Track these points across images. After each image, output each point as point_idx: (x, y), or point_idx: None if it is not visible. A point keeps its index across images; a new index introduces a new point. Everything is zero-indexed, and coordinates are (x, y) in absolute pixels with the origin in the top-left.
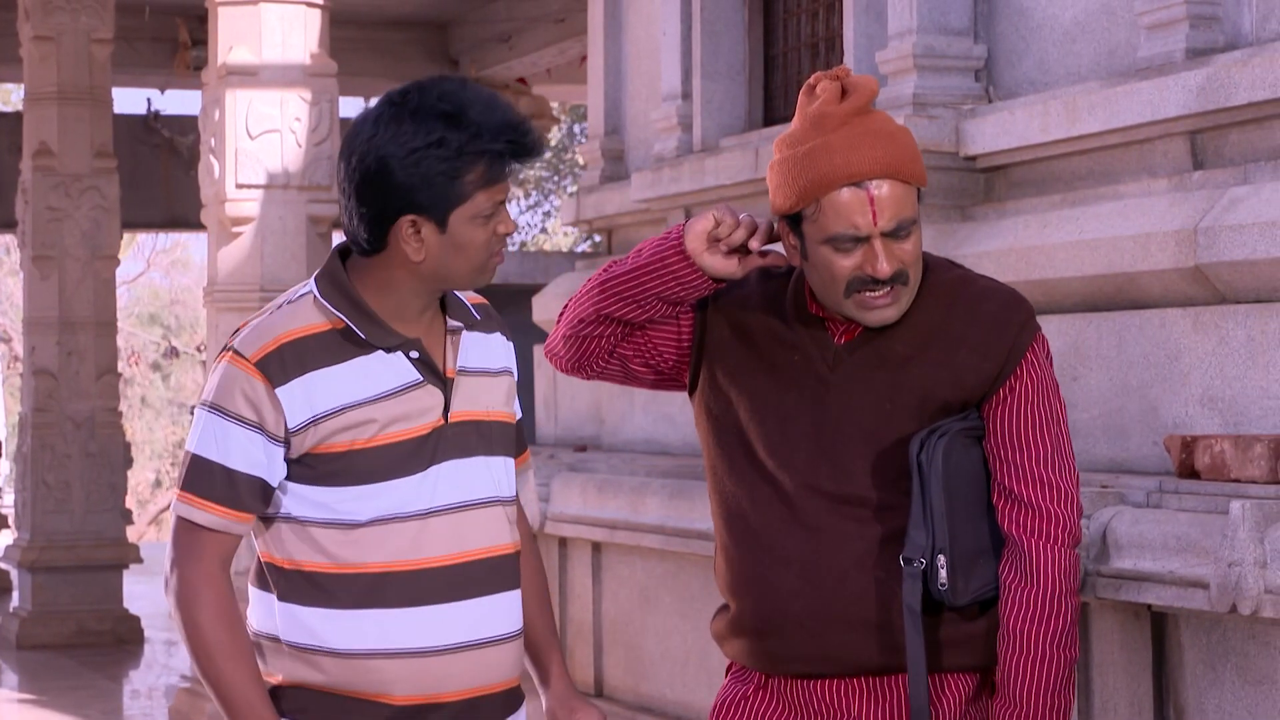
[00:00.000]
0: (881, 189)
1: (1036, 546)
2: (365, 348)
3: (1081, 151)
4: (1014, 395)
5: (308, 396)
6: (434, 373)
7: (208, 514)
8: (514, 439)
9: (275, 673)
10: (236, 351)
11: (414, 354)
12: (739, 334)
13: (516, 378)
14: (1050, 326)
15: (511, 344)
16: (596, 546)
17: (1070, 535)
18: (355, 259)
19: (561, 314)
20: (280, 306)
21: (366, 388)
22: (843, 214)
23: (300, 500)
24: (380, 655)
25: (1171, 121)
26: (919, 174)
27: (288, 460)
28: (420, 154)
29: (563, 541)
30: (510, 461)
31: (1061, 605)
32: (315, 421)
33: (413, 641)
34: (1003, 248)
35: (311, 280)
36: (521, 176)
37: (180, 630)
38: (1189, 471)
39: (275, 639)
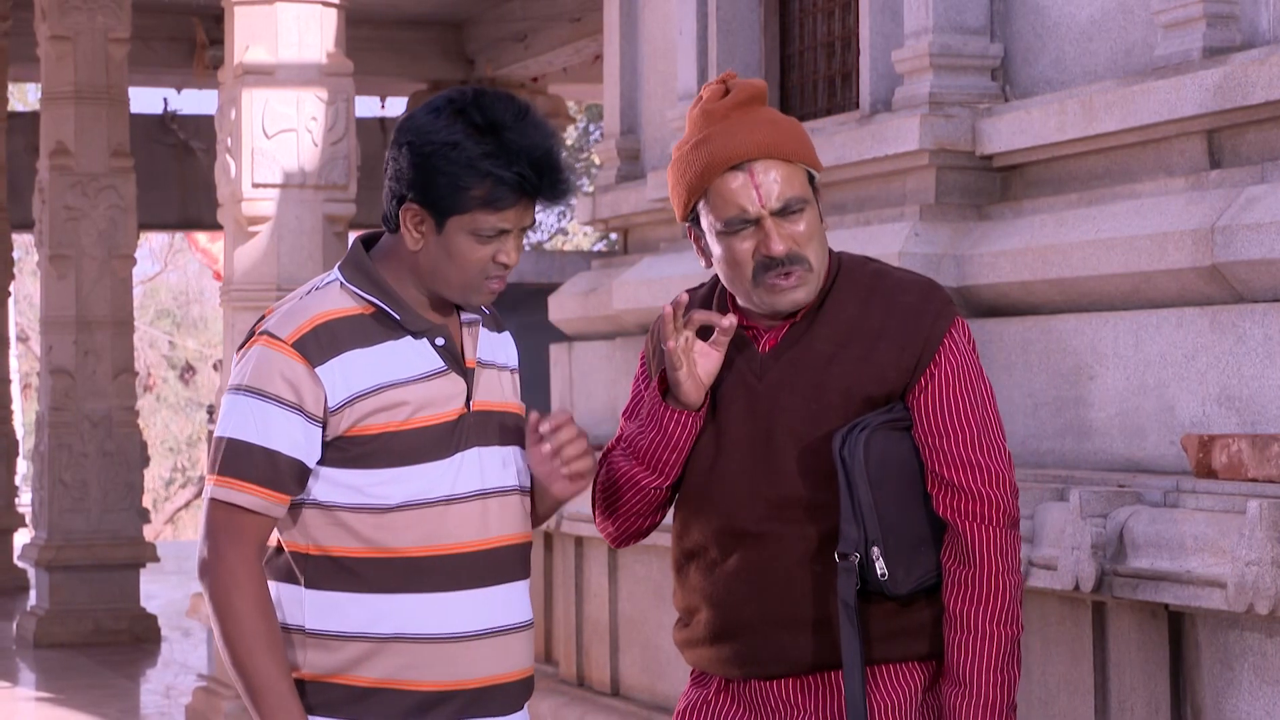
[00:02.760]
0: (764, 169)
1: (972, 529)
2: (394, 332)
3: (1098, 150)
4: (934, 382)
5: (345, 376)
6: (457, 362)
7: (249, 495)
8: (521, 423)
9: (298, 666)
10: (271, 334)
11: (440, 341)
12: None
13: (519, 376)
14: (1067, 325)
15: (513, 343)
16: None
17: (1005, 515)
18: (376, 249)
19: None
20: (308, 292)
21: (398, 370)
22: (729, 198)
23: (330, 485)
24: (407, 640)
25: (1188, 120)
26: (805, 156)
27: (323, 443)
28: (435, 150)
29: (579, 540)
30: (519, 449)
31: (1000, 584)
32: (351, 401)
33: (439, 627)
34: (1019, 247)
35: (335, 269)
36: None
37: (214, 615)
38: (1206, 471)
39: (300, 629)
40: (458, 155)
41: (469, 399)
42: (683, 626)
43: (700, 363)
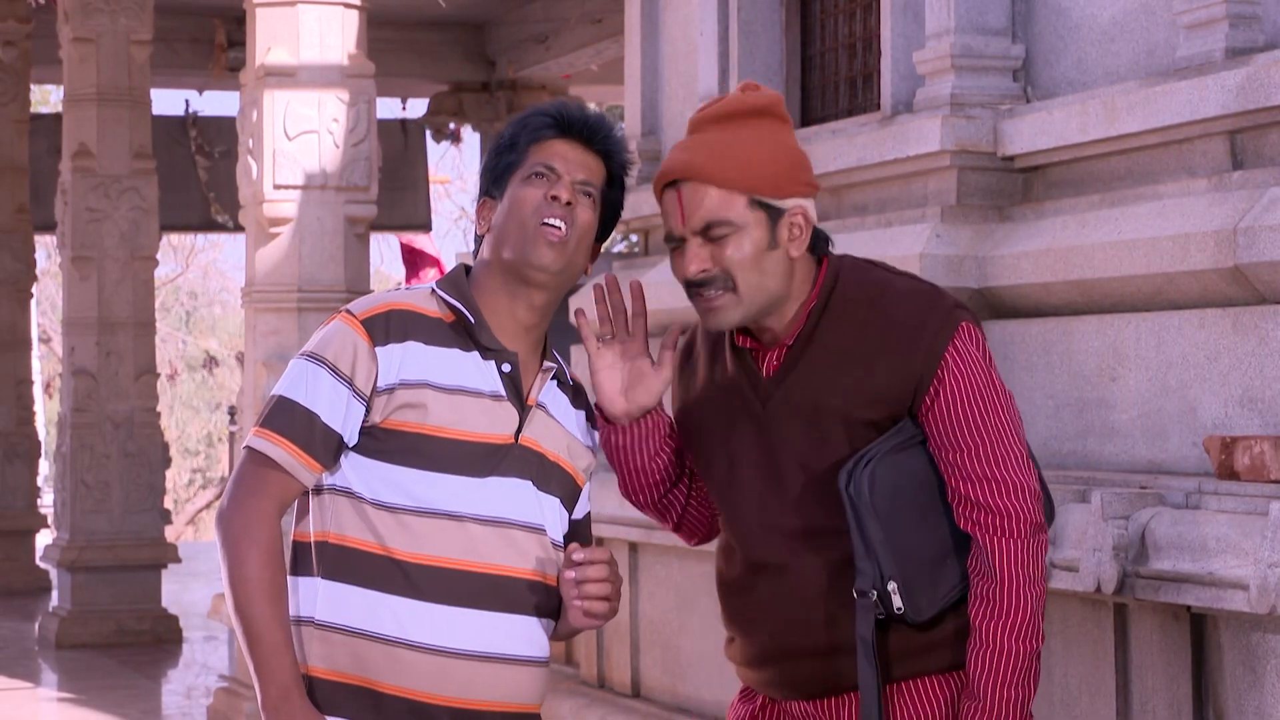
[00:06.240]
0: (691, 190)
1: (992, 542)
2: (465, 345)
3: (1120, 151)
4: (940, 398)
5: (402, 361)
6: (517, 394)
7: (280, 449)
8: (572, 493)
9: (304, 660)
10: (348, 311)
11: (506, 367)
12: (694, 384)
13: (595, 456)
14: (1088, 327)
15: (595, 432)
16: (633, 547)
17: (1027, 525)
18: (472, 274)
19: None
20: (398, 289)
21: (452, 376)
22: (665, 215)
23: (363, 474)
24: (407, 646)
25: (1211, 121)
26: (740, 180)
27: (363, 428)
28: (493, 144)
29: (599, 542)
30: (562, 509)
31: (1020, 598)
32: (395, 388)
33: (442, 640)
34: (1040, 248)
35: (433, 281)
36: None
37: (223, 562)
38: (1228, 472)
39: (310, 621)
40: (506, 129)
41: (518, 432)
42: (729, 643)
43: (633, 382)
